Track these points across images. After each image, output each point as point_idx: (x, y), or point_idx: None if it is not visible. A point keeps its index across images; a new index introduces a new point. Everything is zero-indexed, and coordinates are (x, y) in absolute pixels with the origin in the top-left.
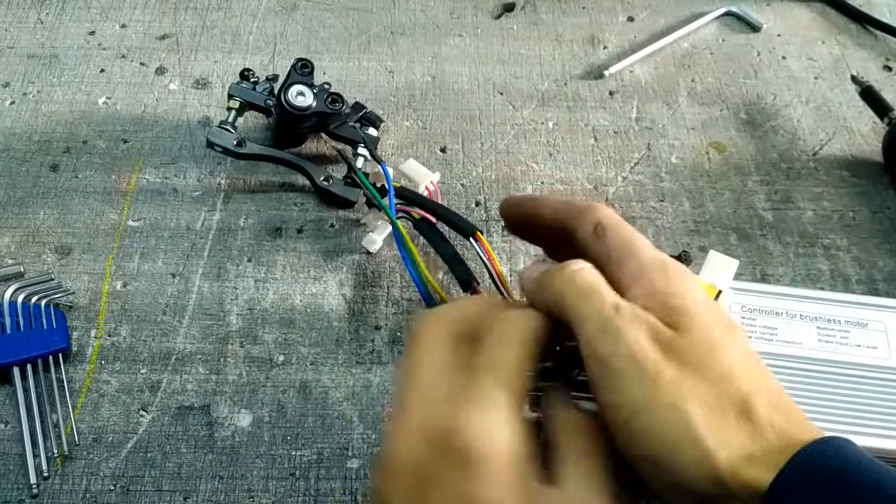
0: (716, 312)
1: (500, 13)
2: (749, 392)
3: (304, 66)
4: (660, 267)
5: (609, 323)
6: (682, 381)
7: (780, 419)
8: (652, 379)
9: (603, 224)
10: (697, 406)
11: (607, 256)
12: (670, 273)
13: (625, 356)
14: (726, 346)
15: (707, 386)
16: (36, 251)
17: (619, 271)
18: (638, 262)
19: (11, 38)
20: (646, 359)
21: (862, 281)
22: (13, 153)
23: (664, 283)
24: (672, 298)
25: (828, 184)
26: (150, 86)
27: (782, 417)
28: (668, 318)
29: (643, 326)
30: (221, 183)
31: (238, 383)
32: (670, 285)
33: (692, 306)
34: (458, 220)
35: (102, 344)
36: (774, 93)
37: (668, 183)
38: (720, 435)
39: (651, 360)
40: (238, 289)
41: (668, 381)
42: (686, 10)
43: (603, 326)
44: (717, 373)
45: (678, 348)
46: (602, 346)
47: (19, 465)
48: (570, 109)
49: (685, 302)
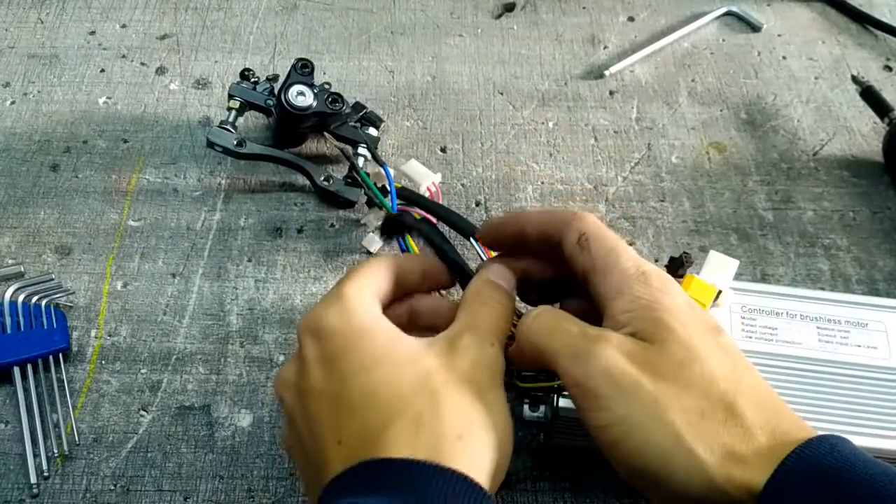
0: (697, 319)
1: (500, 13)
2: (734, 395)
3: (305, 66)
4: (640, 277)
5: (578, 348)
6: (662, 391)
7: (769, 419)
8: (631, 392)
9: (587, 234)
10: (682, 414)
11: (592, 266)
12: (651, 283)
13: (599, 375)
14: (707, 353)
15: (690, 394)
16: (36, 251)
17: (603, 284)
18: (620, 274)
19: (12, 38)
20: (621, 373)
21: (862, 281)
22: (13, 153)
23: (644, 293)
24: (651, 310)
25: (828, 184)
26: (150, 86)
27: (772, 417)
28: (647, 330)
29: (613, 344)
30: (222, 183)
31: (238, 383)
32: (651, 294)
33: (670, 316)
34: (458, 220)
35: (103, 344)
36: (775, 93)
37: (669, 183)
38: (709, 441)
39: (626, 374)
40: (238, 289)
41: (648, 393)
42: (686, 9)
43: (574, 353)
44: (699, 379)
45: (655, 360)
46: (576, 370)
47: (19, 465)
48: (570, 109)
49: (663, 313)
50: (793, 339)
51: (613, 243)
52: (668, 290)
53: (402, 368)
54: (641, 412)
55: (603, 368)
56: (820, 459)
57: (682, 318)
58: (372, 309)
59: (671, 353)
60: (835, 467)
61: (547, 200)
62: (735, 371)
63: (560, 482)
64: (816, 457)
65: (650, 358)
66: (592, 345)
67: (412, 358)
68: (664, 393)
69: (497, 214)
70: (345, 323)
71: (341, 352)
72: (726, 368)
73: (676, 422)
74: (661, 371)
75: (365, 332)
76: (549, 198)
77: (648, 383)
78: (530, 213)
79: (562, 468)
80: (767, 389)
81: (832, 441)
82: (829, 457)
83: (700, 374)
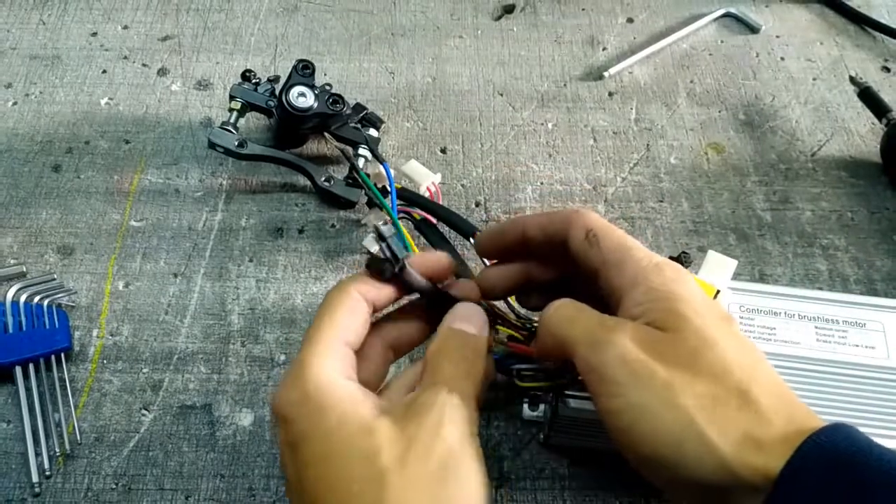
0: (710, 308)
1: (500, 15)
2: (748, 382)
3: (306, 68)
4: (655, 268)
5: (595, 336)
6: (676, 378)
7: (784, 406)
8: (646, 379)
9: (594, 230)
10: (695, 400)
11: (603, 261)
12: (665, 273)
13: (615, 362)
14: (721, 341)
15: (703, 380)
16: (38, 251)
17: (618, 276)
18: (634, 266)
19: (14, 40)
20: (636, 360)
21: (860, 281)
22: (16, 154)
23: (659, 284)
24: (666, 300)
25: (826, 184)
26: (152, 87)
27: (787, 405)
28: (662, 319)
29: (629, 333)
30: (223, 183)
31: (239, 382)
32: (665, 285)
33: (685, 306)
34: (458, 220)
35: (104, 343)
36: (773, 94)
37: (667, 183)
38: (722, 425)
39: (641, 362)
40: (239, 289)
41: (662, 380)
42: (685, 11)
43: (591, 341)
44: (713, 367)
45: (669, 348)
46: (593, 357)
47: (21, 464)
48: (569, 110)
49: (677, 303)
50: (791, 339)
51: (622, 237)
52: (683, 280)
53: (351, 458)
54: (654, 397)
55: (619, 356)
56: (836, 445)
57: (697, 308)
58: (331, 380)
59: (685, 340)
60: (851, 452)
61: (546, 201)
62: (749, 359)
63: (559, 481)
64: (833, 442)
65: (665, 346)
66: (610, 333)
67: (363, 440)
68: (677, 379)
69: (493, 222)
70: (302, 406)
71: (300, 440)
72: (740, 356)
73: (689, 407)
74: (675, 358)
75: (322, 411)
76: (548, 198)
77: (662, 370)
78: (529, 216)
79: (561, 467)
80: (780, 379)
81: (847, 429)
82: (845, 443)
83: (713, 362)
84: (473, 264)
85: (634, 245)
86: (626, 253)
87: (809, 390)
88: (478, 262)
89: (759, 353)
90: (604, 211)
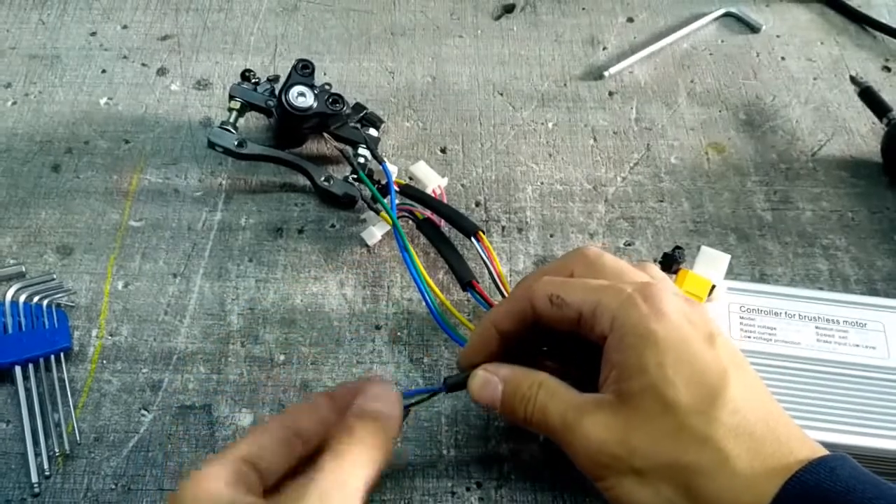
0: (692, 330)
1: (499, 14)
2: (711, 429)
3: (305, 67)
4: (628, 303)
5: (567, 419)
6: (638, 457)
7: (760, 447)
8: (614, 469)
9: (553, 293)
10: (667, 482)
11: (579, 314)
12: (641, 309)
13: (582, 455)
14: (681, 395)
15: (664, 448)
16: (37, 251)
17: (598, 326)
18: (606, 310)
19: (13, 39)
20: (598, 452)
21: (860, 281)
22: (15, 153)
23: (632, 327)
24: (624, 368)
25: (827, 184)
26: (151, 86)
27: (764, 442)
28: (628, 389)
29: (591, 419)
30: (222, 183)
31: (239, 383)
32: (639, 327)
33: (652, 356)
34: (460, 219)
35: (104, 343)
36: (773, 93)
37: (668, 183)
38: (696, 491)
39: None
40: (239, 289)
41: (627, 467)
42: (685, 10)
43: (563, 425)
44: (673, 431)
45: (630, 423)
46: (567, 444)
47: (21, 464)
48: (569, 110)
49: (645, 357)
50: (791, 339)
51: (583, 284)
52: (658, 308)
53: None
54: (627, 481)
55: (583, 448)
56: (819, 483)
57: (669, 345)
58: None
59: (645, 410)
60: (834, 491)
61: (546, 200)
62: (714, 398)
63: (559, 481)
64: (816, 481)
65: (625, 422)
66: (578, 418)
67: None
68: (640, 459)
69: (493, 220)
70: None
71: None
72: (701, 401)
73: (661, 487)
74: (637, 433)
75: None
76: (548, 198)
77: (625, 454)
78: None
79: (561, 467)
80: (760, 401)
81: (832, 464)
82: (828, 481)
83: (673, 428)
84: (474, 264)
85: (599, 285)
86: (595, 297)
87: (810, 391)
88: (478, 261)
89: (740, 369)
90: (604, 211)
